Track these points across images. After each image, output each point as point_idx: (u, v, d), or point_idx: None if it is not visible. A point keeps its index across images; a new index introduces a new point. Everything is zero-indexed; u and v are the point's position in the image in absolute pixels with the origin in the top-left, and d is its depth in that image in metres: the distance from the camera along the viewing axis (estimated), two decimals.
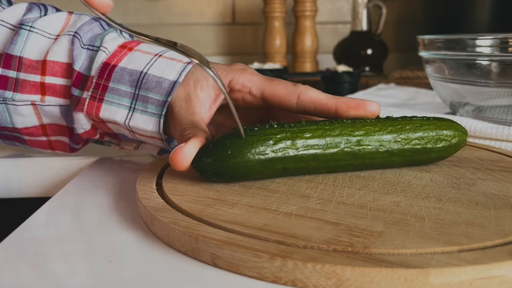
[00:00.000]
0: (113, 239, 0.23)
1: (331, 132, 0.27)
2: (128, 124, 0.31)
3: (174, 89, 0.31)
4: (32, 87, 0.32)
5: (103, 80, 0.31)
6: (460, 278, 0.17)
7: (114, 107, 0.31)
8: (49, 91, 0.33)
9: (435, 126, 0.29)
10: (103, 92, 0.31)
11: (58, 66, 0.32)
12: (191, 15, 1.06)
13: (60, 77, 0.33)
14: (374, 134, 0.28)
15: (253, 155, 0.26)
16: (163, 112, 0.31)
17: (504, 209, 0.23)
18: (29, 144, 0.37)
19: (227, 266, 0.19)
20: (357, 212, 0.23)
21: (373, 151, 0.28)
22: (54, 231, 0.25)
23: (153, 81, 0.31)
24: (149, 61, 0.32)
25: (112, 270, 0.20)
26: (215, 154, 0.26)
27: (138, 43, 0.34)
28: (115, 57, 0.32)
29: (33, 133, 0.35)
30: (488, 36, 0.43)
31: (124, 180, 0.33)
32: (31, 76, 0.32)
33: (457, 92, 0.47)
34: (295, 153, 0.26)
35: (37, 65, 0.32)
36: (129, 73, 0.31)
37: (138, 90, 0.31)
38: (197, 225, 0.21)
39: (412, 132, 0.29)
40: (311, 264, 0.18)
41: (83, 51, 0.32)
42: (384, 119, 0.29)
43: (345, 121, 0.28)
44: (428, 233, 0.20)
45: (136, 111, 0.31)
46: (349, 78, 0.71)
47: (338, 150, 0.27)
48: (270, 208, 0.23)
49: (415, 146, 0.29)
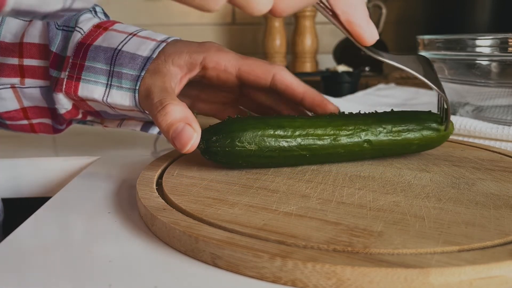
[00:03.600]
0: (113, 239, 0.23)
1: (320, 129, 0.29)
2: (106, 101, 0.32)
3: (147, 64, 0.31)
4: (11, 70, 0.33)
5: (79, 60, 0.32)
6: (460, 278, 0.17)
7: (92, 85, 0.32)
8: (28, 73, 0.33)
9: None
10: (80, 71, 0.32)
11: (35, 48, 0.33)
12: (191, 15, 1.06)
13: (38, 58, 0.33)
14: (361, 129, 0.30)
15: (256, 132, 0.28)
16: (137, 87, 0.31)
17: (504, 209, 0.23)
18: (11, 128, 0.37)
19: (227, 266, 0.19)
20: (357, 212, 0.23)
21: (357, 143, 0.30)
22: (54, 231, 0.25)
23: (127, 57, 0.31)
24: (123, 39, 0.32)
25: (112, 270, 0.20)
26: (221, 130, 0.28)
27: (113, 23, 0.34)
28: (90, 36, 0.32)
29: (14, 117, 0.35)
30: (488, 36, 0.43)
31: (124, 180, 0.33)
32: (9, 59, 0.33)
33: (457, 92, 0.47)
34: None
35: (14, 48, 0.33)
36: (104, 51, 0.32)
37: (113, 67, 0.32)
38: (197, 225, 0.21)
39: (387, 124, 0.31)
40: (311, 264, 0.18)
41: (58, 32, 0.33)
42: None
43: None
44: (428, 233, 0.20)
45: (113, 88, 0.32)
46: (349, 78, 0.71)
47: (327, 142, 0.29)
48: (270, 208, 0.23)
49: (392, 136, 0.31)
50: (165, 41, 0.33)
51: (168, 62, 0.31)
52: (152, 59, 0.31)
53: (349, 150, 0.30)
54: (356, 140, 0.30)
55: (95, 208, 0.27)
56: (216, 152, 0.28)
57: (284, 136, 0.28)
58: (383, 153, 0.31)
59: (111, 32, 0.33)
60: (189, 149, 0.26)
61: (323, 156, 0.29)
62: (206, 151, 0.28)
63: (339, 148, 0.29)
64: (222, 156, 0.28)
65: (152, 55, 0.31)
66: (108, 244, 0.22)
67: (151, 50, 0.32)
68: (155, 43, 0.32)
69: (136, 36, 0.33)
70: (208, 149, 0.28)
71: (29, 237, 0.24)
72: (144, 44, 0.32)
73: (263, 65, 0.32)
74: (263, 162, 0.29)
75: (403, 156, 0.33)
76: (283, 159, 0.29)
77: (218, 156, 0.28)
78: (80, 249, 0.22)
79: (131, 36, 0.33)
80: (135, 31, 0.33)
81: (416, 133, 0.31)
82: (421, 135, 0.31)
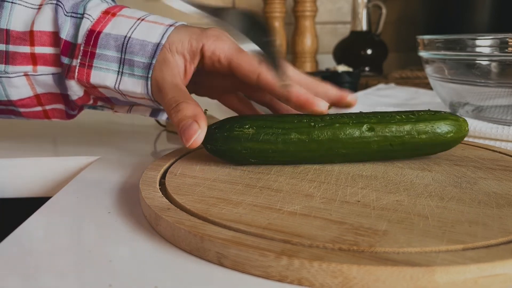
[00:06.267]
0: (113, 239, 0.23)
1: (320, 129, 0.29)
2: (118, 88, 0.33)
3: (157, 51, 0.32)
4: (23, 58, 0.33)
5: (90, 47, 0.32)
6: (465, 276, 0.17)
7: (104, 73, 0.32)
8: (40, 61, 0.33)
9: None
10: (91, 59, 0.32)
11: (46, 35, 0.33)
12: (191, 15, 1.06)
13: (49, 46, 0.33)
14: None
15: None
16: (149, 75, 0.32)
17: (506, 207, 0.23)
18: (24, 116, 0.37)
19: (233, 265, 0.19)
20: (361, 211, 0.23)
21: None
22: (55, 231, 0.25)
23: (137, 45, 0.32)
24: (132, 25, 0.33)
25: (112, 270, 0.20)
26: (222, 122, 0.30)
27: (121, 8, 0.34)
28: (99, 23, 0.33)
29: (28, 104, 0.36)
30: (488, 36, 0.43)
31: (124, 180, 0.33)
32: (21, 48, 0.33)
33: (457, 92, 0.47)
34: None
35: (24, 36, 0.33)
36: (114, 38, 0.32)
37: (124, 55, 0.32)
38: (202, 225, 0.21)
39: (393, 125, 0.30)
40: (317, 263, 0.18)
41: (67, 19, 0.33)
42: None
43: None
44: (432, 232, 0.20)
45: (124, 75, 0.32)
46: (349, 78, 0.71)
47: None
48: (274, 207, 0.23)
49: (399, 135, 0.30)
50: (173, 25, 0.33)
51: (173, 50, 0.32)
52: (161, 45, 0.32)
53: (351, 137, 0.29)
54: (357, 127, 0.29)
55: (95, 208, 0.27)
56: (216, 138, 0.30)
57: (282, 121, 0.30)
58: (389, 144, 0.30)
59: (120, 18, 0.33)
60: (193, 143, 0.28)
61: (323, 142, 0.29)
62: (207, 139, 0.29)
63: (340, 133, 0.29)
64: (222, 142, 0.29)
65: (161, 40, 0.32)
66: (108, 244, 0.22)
67: (160, 35, 0.32)
68: (163, 27, 0.33)
69: (144, 21, 0.33)
70: (209, 136, 0.29)
71: (29, 237, 0.24)
72: (152, 28, 0.33)
73: (251, 63, 0.32)
74: (262, 149, 0.29)
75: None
76: (281, 144, 0.29)
77: (218, 143, 0.30)
78: (80, 249, 0.22)
79: (139, 21, 0.33)
80: (143, 16, 0.34)
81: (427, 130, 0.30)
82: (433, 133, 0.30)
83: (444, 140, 0.30)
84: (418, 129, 0.30)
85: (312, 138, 0.29)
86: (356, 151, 0.30)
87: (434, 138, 0.30)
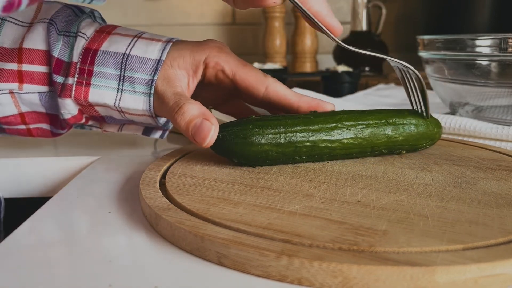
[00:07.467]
0: (113, 239, 0.23)
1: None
2: (118, 105, 0.32)
3: (159, 67, 0.32)
4: (9, 75, 0.33)
5: (87, 65, 0.32)
6: (465, 276, 0.17)
7: (102, 90, 0.32)
8: (27, 79, 0.33)
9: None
10: (89, 77, 0.32)
11: (35, 53, 0.33)
12: (191, 15, 1.06)
13: (38, 64, 0.33)
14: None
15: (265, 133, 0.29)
16: (152, 91, 0.32)
17: (506, 207, 0.23)
18: (8, 132, 0.37)
19: (233, 265, 0.19)
20: (361, 211, 0.23)
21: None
22: (55, 231, 0.25)
23: (137, 62, 0.32)
24: (129, 43, 0.33)
25: (112, 270, 0.20)
26: (235, 126, 0.29)
27: (115, 27, 0.34)
28: (95, 41, 0.33)
29: (12, 122, 0.35)
30: (487, 36, 0.43)
31: (124, 180, 0.33)
32: (7, 65, 0.33)
33: (457, 92, 0.47)
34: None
35: (12, 53, 0.33)
36: (112, 56, 0.32)
37: (123, 72, 0.32)
38: (202, 224, 0.21)
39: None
40: (318, 263, 0.18)
41: (59, 37, 0.33)
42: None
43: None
44: (432, 232, 0.20)
45: (125, 92, 0.32)
46: (349, 78, 0.71)
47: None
48: (274, 207, 0.23)
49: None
50: (170, 41, 0.33)
51: (174, 66, 0.32)
52: (162, 61, 0.32)
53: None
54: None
55: (95, 208, 0.27)
56: (227, 124, 0.29)
57: (285, 117, 0.30)
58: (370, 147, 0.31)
59: (115, 36, 0.33)
60: (210, 141, 0.28)
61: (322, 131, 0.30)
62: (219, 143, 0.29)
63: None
64: (240, 146, 0.29)
65: (161, 57, 0.32)
66: (108, 244, 0.22)
67: (159, 51, 0.32)
68: (161, 44, 0.33)
69: (141, 38, 0.33)
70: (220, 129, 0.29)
71: (29, 237, 0.24)
72: (150, 45, 0.32)
73: (257, 75, 0.33)
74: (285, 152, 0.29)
75: (404, 155, 0.33)
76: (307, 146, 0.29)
77: (229, 127, 0.29)
78: (80, 249, 0.22)
79: (136, 39, 0.33)
80: (138, 33, 0.33)
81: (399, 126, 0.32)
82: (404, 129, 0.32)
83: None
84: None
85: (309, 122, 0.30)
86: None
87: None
